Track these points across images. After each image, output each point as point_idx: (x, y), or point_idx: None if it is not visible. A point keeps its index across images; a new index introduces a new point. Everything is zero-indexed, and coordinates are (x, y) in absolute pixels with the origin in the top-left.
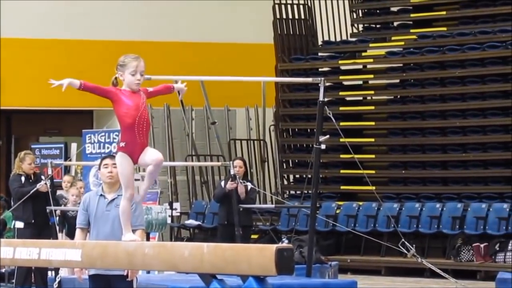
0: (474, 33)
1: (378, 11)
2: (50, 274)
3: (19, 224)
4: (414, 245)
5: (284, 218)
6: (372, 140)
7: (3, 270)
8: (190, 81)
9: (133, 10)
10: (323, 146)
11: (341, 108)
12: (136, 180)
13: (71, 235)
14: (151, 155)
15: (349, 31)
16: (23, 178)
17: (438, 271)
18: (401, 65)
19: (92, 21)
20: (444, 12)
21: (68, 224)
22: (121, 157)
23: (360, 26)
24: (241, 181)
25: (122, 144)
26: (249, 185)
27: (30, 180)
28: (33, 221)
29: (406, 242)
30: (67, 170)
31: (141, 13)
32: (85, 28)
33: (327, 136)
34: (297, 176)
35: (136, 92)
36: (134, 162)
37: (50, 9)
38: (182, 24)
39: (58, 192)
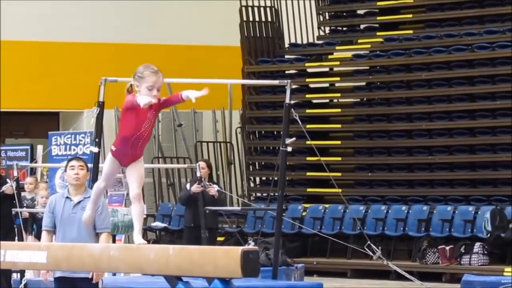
0: (440, 36)
1: (344, 14)
2: (16, 276)
3: None
4: (380, 248)
5: (250, 221)
6: (339, 142)
7: None
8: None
9: (102, 12)
10: (289, 149)
11: (307, 111)
12: None
13: (40, 237)
14: (129, 185)
15: (316, 34)
16: None
17: (404, 273)
18: (367, 67)
19: (61, 23)
20: (410, 15)
21: (38, 226)
22: (109, 159)
23: (327, 29)
24: (207, 183)
25: (113, 148)
26: (216, 187)
27: None
28: None
29: (372, 245)
30: (33, 172)
31: (109, 15)
32: (54, 30)
33: (294, 138)
34: (264, 178)
35: (147, 108)
36: (123, 165)
37: (20, 11)
38: (149, 26)
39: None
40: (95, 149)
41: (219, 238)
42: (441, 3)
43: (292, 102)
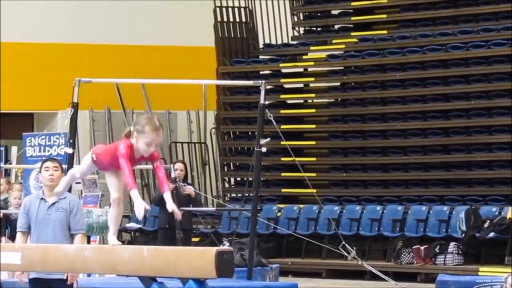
0: (415, 36)
1: (319, 14)
2: None
3: None
4: (354, 248)
5: (225, 221)
6: (313, 143)
7: None
8: (131, 84)
9: (77, 13)
10: (264, 149)
11: (282, 111)
12: (77, 183)
13: (14, 238)
14: (110, 189)
15: (290, 34)
16: None
17: (378, 273)
18: (342, 68)
19: (35, 24)
20: (384, 16)
21: (11, 227)
22: (88, 162)
23: (301, 29)
24: (181, 183)
25: (94, 157)
26: (191, 188)
27: None
28: None
29: (346, 245)
30: (7, 173)
31: (84, 16)
32: (28, 31)
33: (268, 139)
34: (238, 179)
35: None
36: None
37: None
38: (123, 27)
39: None
40: (70, 150)
41: (194, 239)
42: (415, 3)
43: (267, 102)
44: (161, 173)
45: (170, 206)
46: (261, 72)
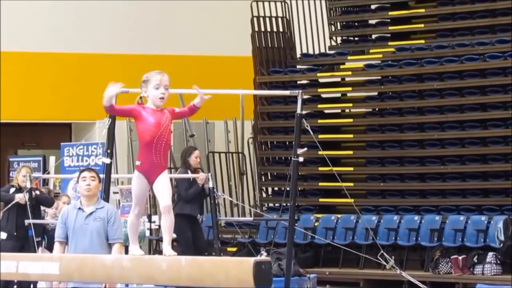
0: (452, 46)
1: (356, 24)
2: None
3: (2, 235)
4: (393, 257)
5: (262, 231)
6: (350, 152)
7: None
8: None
9: (114, 23)
10: (301, 159)
11: (319, 121)
12: (115, 193)
13: (51, 248)
14: (159, 197)
15: (328, 44)
16: (12, 189)
17: (417, 282)
18: (379, 77)
19: (74, 34)
20: (422, 25)
21: (48, 237)
22: (136, 177)
23: (339, 39)
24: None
25: (138, 163)
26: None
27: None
28: (15, 233)
29: (385, 254)
30: (45, 183)
31: (121, 26)
32: (67, 41)
33: (305, 148)
34: (276, 188)
35: (160, 110)
36: (150, 182)
37: (34, 23)
38: (160, 37)
39: None
40: (107, 160)
41: (231, 249)
42: (452, 12)
43: (304, 112)
44: (180, 109)
45: (200, 99)
46: (298, 82)
